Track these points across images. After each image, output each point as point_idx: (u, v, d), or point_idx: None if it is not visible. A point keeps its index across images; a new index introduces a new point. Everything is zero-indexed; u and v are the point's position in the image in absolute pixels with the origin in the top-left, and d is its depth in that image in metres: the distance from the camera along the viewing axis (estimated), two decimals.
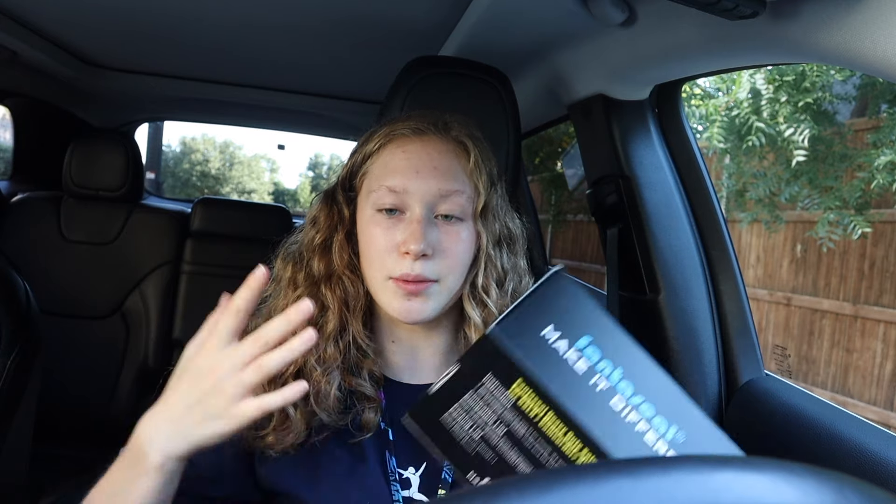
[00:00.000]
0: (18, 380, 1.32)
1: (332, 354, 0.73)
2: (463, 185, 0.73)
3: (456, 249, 0.72)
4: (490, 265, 0.75)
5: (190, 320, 2.18)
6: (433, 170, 0.72)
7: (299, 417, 0.70)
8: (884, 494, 0.27)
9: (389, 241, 0.71)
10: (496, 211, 0.77)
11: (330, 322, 0.74)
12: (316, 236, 0.77)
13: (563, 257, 7.55)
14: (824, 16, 0.67)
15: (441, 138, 0.75)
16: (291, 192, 24.89)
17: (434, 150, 0.73)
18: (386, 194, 0.72)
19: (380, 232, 0.72)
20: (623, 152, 1.20)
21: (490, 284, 0.75)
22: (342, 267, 0.76)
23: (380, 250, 0.72)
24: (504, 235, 0.78)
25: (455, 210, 0.72)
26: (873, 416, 4.01)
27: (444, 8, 1.18)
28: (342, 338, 0.74)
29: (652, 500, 0.25)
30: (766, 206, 4.35)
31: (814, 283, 4.64)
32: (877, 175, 3.48)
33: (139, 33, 1.57)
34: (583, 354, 0.48)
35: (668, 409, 0.47)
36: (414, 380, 0.79)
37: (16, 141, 2.47)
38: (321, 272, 0.76)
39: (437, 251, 0.71)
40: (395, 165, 0.73)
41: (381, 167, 0.74)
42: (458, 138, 0.76)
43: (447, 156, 0.74)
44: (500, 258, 0.77)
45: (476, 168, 0.74)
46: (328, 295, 0.75)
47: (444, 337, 0.80)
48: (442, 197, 0.71)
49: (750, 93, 3.96)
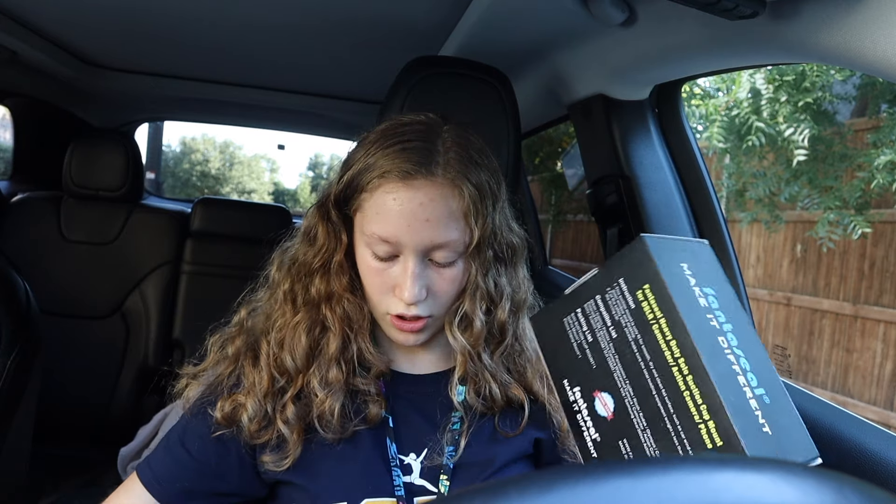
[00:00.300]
0: (18, 380, 1.32)
1: (335, 376, 0.73)
2: (455, 233, 0.70)
3: (448, 289, 0.73)
4: (478, 294, 0.75)
5: (190, 320, 2.18)
6: (425, 221, 0.68)
7: (296, 438, 0.71)
8: (884, 494, 0.27)
9: (385, 282, 0.72)
10: (493, 235, 0.74)
11: (332, 343, 0.74)
12: (315, 259, 0.76)
13: (563, 257, 7.55)
14: (824, 16, 0.67)
15: (433, 183, 0.69)
16: (291, 192, 24.88)
17: (426, 198, 0.68)
18: (378, 242, 0.70)
19: (375, 272, 0.72)
20: (623, 152, 1.20)
21: (475, 314, 0.75)
22: (342, 289, 0.76)
23: (376, 290, 0.73)
24: (500, 255, 0.77)
25: (449, 257, 0.71)
26: (873, 416, 4.01)
27: (444, 8, 1.18)
28: (344, 355, 0.74)
29: (652, 500, 0.25)
30: (765, 206, 4.35)
31: (814, 283, 4.65)
32: (877, 175, 3.49)
33: (139, 33, 1.57)
34: (706, 296, 0.49)
35: (762, 374, 0.48)
36: (413, 370, 0.80)
37: (16, 141, 2.47)
38: (321, 294, 0.76)
39: (430, 292, 0.72)
40: (385, 213, 0.69)
41: (373, 211, 0.70)
42: (452, 180, 0.69)
43: (439, 203, 0.68)
44: (493, 280, 0.76)
45: (471, 208, 0.70)
46: (329, 315, 0.75)
47: (441, 337, 0.80)
48: (435, 247, 0.70)
49: (750, 92, 3.96)
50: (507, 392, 0.77)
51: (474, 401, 0.75)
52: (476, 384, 0.76)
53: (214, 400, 0.74)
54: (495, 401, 0.76)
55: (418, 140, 0.71)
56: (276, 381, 0.73)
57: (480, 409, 0.76)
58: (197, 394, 0.77)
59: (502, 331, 0.77)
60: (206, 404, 0.75)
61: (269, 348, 0.75)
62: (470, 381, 0.76)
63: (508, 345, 0.78)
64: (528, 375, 0.78)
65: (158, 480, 0.74)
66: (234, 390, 0.75)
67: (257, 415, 0.71)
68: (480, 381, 0.76)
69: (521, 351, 0.79)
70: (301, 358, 0.73)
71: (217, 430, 0.72)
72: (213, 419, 0.73)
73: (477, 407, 0.75)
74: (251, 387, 0.73)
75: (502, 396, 0.76)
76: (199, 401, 0.76)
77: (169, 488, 0.74)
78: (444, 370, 0.80)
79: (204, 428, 0.74)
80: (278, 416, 0.72)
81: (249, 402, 0.72)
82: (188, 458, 0.74)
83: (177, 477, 0.74)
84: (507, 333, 0.78)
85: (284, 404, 0.72)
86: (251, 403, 0.72)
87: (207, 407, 0.74)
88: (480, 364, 0.76)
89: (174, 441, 0.76)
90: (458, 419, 0.76)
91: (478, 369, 0.76)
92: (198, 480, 0.74)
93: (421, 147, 0.71)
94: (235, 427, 0.72)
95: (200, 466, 0.74)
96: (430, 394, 0.78)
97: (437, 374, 0.80)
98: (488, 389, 0.75)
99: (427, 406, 0.77)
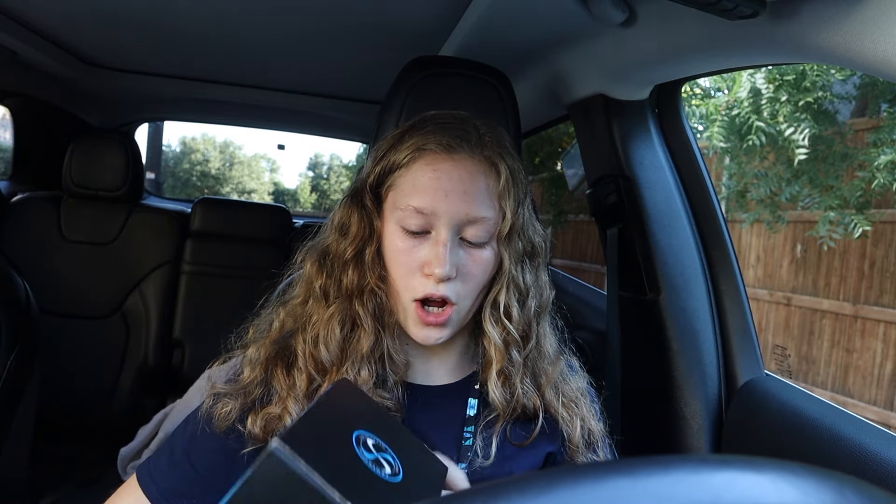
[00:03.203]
0: (18, 380, 1.32)
1: (365, 377, 0.71)
2: (490, 211, 0.70)
3: (478, 272, 0.71)
4: (512, 285, 0.74)
5: (190, 320, 2.18)
6: (463, 193, 0.69)
7: None
8: (884, 494, 0.27)
9: (414, 260, 0.70)
10: (522, 229, 0.74)
11: (364, 341, 0.72)
12: (348, 249, 0.74)
13: (563, 257, 7.55)
14: (824, 16, 0.67)
15: (473, 157, 0.71)
16: (291, 192, 24.87)
17: (465, 171, 0.70)
18: (412, 215, 0.69)
19: (404, 251, 0.70)
20: (623, 152, 1.20)
21: (512, 304, 0.74)
22: (374, 280, 0.74)
23: (404, 270, 0.71)
24: (528, 252, 0.76)
25: (481, 237, 0.70)
26: (873, 416, 4.01)
27: (444, 8, 1.18)
28: (374, 354, 0.72)
29: (652, 500, 0.25)
30: (767, 207, 4.35)
31: (814, 283, 4.64)
32: (877, 174, 3.49)
33: (139, 33, 1.57)
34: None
35: None
36: (428, 381, 0.78)
37: (16, 141, 2.48)
38: (354, 285, 0.74)
39: (460, 273, 0.70)
40: (423, 184, 0.69)
41: (410, 184, 0.70)
42: (490, 158, 0.72)
43: (478, 178, 0.70)
44: (523, 275, 0.75)
45: (506, 190, 0.71)
46: (360, 312, 0.73)
47: (459, 343, 0.79)
48: (469, 222, 0.70)
49: (750, 92, 3.96)
50: (526, 398, 0.75)
51: (500, 400, 0.73)
52: (507, 380, 0.74)
53: (243, 417, 0.71)
54: (517, 402, 0.74)
55: (454, 122, 0.74)
56: (314, 380, 0.72)
57: (498, 410, 0.74)
58: (208, 405, 0.74)
59: (528, 329, 0.76)
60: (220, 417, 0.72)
61: (304, 346, 0.73)
62: (502, 375, 0.74)
63: (532, 346, 0.76)
64: (542, 382, 0.77)
65: (165, 497, 0.72)
66: (265, 403, 0.72)
67: None
68: (512, 378, 0.74)
69: (542, 357, 0.77)
70: (336, 351, 0.72)
71: (253, 446, 0.70)
72: (241, 435, 0.70)
73: (497, 405, 0.73)
74: (289, 391, 0.71)
75: (523, 400, 0.74)
76: (210, 413, 0.73)
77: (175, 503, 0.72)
78: (457, 381, 0.79)
79: (213, 443, 0.72)
80: None
81: (292, 406, 0.70)
82: (195, 474, 0.72)
83: (184, 493, 0.72)
84: (531, 333, 0.76)
85: None
86: (293, 407, 0.70)
87: (237, 424, 0.71)
88: (511, 360, 0.74)
89: (180, 456, 0.74)
90: (470, 434, 0.74)
91: (510, 364, 0.74)
92: (203, 496, 0.72)
93: (458, 127, 0.73)
94: None
95: (207, 482, 0.72)
96: (443, 406, 0.76)
97: (450, 385, 0.78)
98: (513, 389, 0.74)
99: (439, 419, 0.75)
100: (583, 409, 0.78)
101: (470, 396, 0.76)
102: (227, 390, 0.74)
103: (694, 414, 1.09)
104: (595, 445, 0.78)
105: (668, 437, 1.12)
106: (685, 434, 1.09)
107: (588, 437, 0.77)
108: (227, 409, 0.71)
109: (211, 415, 0.72)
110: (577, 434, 0.75)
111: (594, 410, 0.81)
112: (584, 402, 0.79)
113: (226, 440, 0.71)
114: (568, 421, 0.76)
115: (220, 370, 0.80)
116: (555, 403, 0.76)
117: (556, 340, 0.80)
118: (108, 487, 0.78)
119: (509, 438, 0.75)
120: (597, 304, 1.58)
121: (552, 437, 0.77)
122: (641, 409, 1.20)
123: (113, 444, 1.22)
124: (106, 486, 0.79)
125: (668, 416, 1.12)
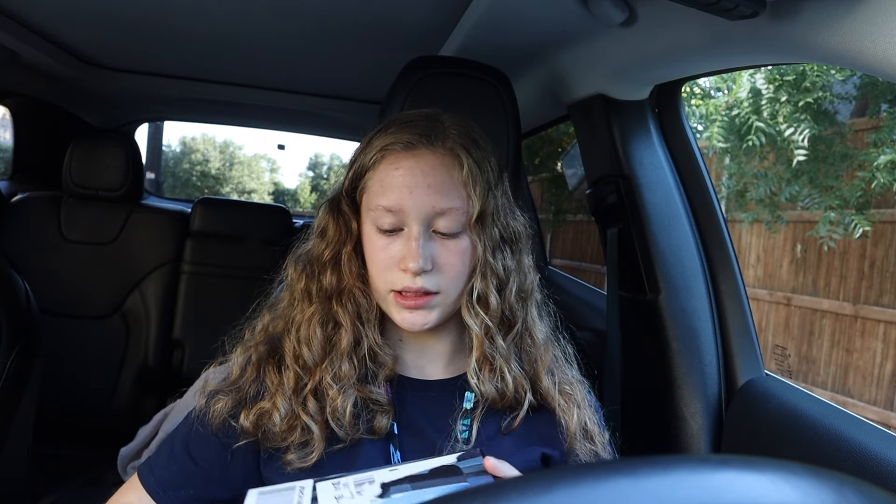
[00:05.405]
0: (18, 380, 1.32)
1: (346, 372, 0.73)
2: (457, 201, 0.73)
3: (455, 262, 0.73)
4: (489, 272, 0.75)
5: (190, 320, 2.18)
6: (427, 187, 0.72)
7: (320, 432, 0.71)
8: (884, 494, 0.27)
9: (390, 257, 0.73)
10: (495, 214, 0.76)
11: (343, 339, 0.75)
12: (325, 251, 0.78)
13: (563, 257, 7.55)
14: (824, 16, 0.67)
15: (434, 151, 0.74)
16: (291, 192, 24.89)
17: (427, 165, 0.73)
18: (383, 214, 0.72)
19: (381, 249, 0.73)
20: (623, 152, 1.20)
21: (489, 292, 0.75)
22: (352, 280, 0.77)
23: (382, 267, 0.73)
24: (505, 237, 0.78)
25: (452, 227, 0.73)
26: (873, 416, 4.01)
27: (444, 8, 1.18)
28: (357, 352, 0.75)
29: (652, 500, 0.25)
30: (766, 207, 4.35)
31: (814, 283, 4.64)
32: (877, 174, 3.49)
33: (139, 33, 1.57)
34: None
35: None
36: (422, 375, 0.80)
37: (16, 141, 2.48)
38: (332, 287, 0.77)
39: (436, 265, 0.72)
40: (389, 183, 0.73)
41: (378, 185, 0.74)
42: (452, 149, 0.74)
43: (440, 170, 0.73)
44: (501, 262, 0.77)
45: (470, 178, 0.73)
46: (340, 312, 0.76)
47: (450, 336, 0.80)
48: (437, 214, 0.72)
49: (750, 92, 3.96)
50: (516, 384, 0.76)
51: (488, 388, 0.75)
52: (491, 367, 0.76)
53: (236, 412, 0.74)
54: (507, 389, 0.75)
55: (420, 120, 0.77)
56: (301, 378, 0.74)
57: (490, 400, 0.75)
58: (203, 401, 0.77)
59: (512, 314, 0.78)
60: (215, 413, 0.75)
61: (291, 345, 0.76)
62: (485, 363, 0.76)
63: (518, 332, 0.78)
64: (537, 367, 0.78)
65: (164, 488, 0.75)
66: (258, 399, 0.75)
67: (288, 413, 0.72)
68: (496, 364, 0.76)
69: (532, 342, 0.79)
70: (317, 350, 0.74)
71: (245, 440, 0.73)
72: (234, 429, 0.73)
73: (487, 393, 0.75)
74: (278, 387, 0.74)
75: (513, 386, 0.76)
76: (205, 409, 0.76)
77: (174, 495, 0.75)
78: (452, 377, 0.80)
79: (210, 437, 0.75)
80: (302, 411, 0.72)
81: (280, 402, 0.72)
82: (194, 466, 0.75)
83: (182, 484, 0.75)
84: (516, 318, 0.78)
85: (305, 398, 0.73)
86: (282, 403, 0.72)
87: (230, 419, 0.74)
88: (494, 347, 0.76)
89: (179, 449, 0.76)
90: (466, 427, 0.75)
91: (493, 351, 0.76)
92: (203, 488, 0.75)
93: (422, 123, 0.76)
94: (261, 433, 0.72)
95: (207, 474, 0.75)
96: (438, 401, 0.77)
97: (445, 380, 0.80)
98: (501, 376, 0.76)
99: (435, 414, 0.77)
100: (578, 396, 0.79)
101: (467, 390, 0.77)
102: (220, 388, 0.77)
103: (694, 414, 1.09)
104: (592, 435, 0.79)
105: (668, 437, 1.12)
106: (685, 434, 1.09)
107: (585, 426, 0.78)
108: (220, 405, 0.75)
109: (206, 411, 0.75)
110: (574, 422, 0.77)
111: (590, 400, 0.82)
112: (580, 388, 0.81)
113: (221, 435, 0.74)
114: (565, 408, 0.77)
115: (217, 371, 0.83)
116: (552, 391, 0.78)
117: (546, 327, 0.82)
118: (108, 488, 0.79)
119: (503, 429, 0.76)
120: (597, 304, 1.58)
121: (549, 440, 0.77)
122: (641, 409, 1.20)
123: (113, 444, 1.22)
124: (106, 487, 0.80)
125: (668, 416, 1.12)
